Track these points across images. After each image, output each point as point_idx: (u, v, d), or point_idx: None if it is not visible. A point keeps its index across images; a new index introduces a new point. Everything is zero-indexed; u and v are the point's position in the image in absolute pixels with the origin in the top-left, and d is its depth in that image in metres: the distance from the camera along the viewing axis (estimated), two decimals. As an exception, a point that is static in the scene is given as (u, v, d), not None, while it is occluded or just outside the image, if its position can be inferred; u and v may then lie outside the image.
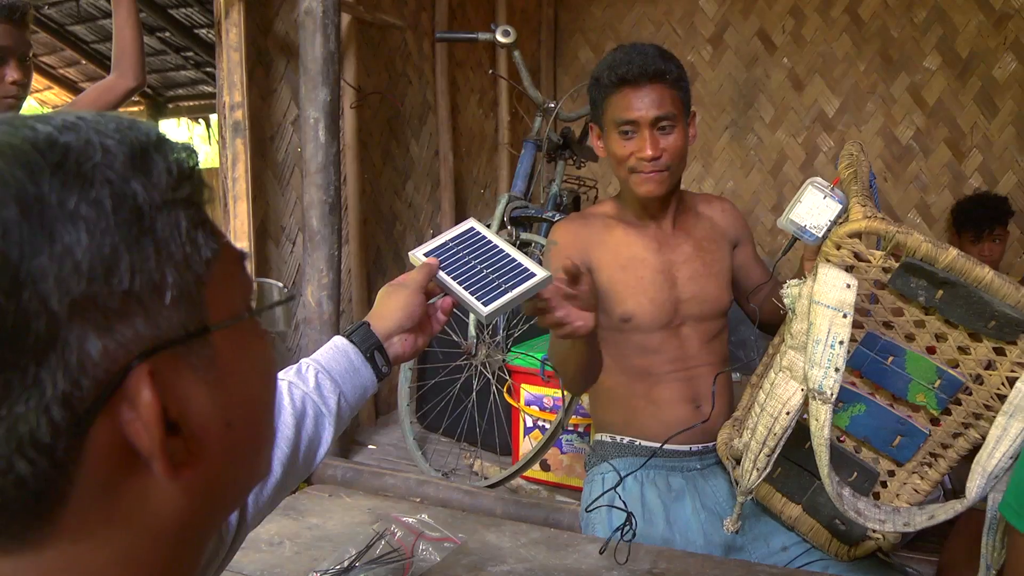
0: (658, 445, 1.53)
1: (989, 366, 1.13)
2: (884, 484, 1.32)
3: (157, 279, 0.40)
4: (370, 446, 2.66)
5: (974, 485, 1.09)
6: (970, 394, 1.17)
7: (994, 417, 1.09)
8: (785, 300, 1.17)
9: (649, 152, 1.45)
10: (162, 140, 0.44)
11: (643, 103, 1.46)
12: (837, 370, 1.08)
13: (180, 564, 0.46)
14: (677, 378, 1.53)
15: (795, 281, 1.16)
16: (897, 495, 1.31)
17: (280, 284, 0.55)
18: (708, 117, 3.92)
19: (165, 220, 0.41)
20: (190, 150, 0.45)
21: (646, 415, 1.53)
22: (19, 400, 0.36)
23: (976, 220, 2.99)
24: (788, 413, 1.15)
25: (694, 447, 1.54)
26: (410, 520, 1.42)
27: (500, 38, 2.47)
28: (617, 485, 1.44)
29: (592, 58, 4.11)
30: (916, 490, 1.30)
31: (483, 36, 2.52)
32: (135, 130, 0.43)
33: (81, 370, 0.37)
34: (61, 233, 0.37)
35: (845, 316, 1.07)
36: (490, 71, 3.47)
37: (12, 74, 1.64)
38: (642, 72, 1.46)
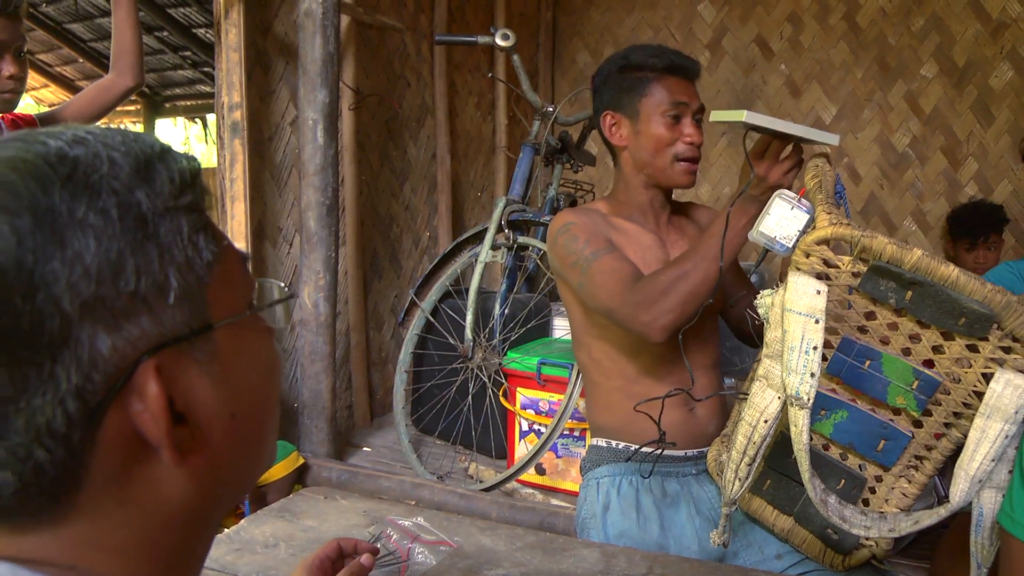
0: (655, 451, 1.53)
1: (965, 364, 1.14)
2: (872, 490, 1.33)
3: (161, 280, 0.43)
4: (365, 448, 2.66)
5: (958, 489, 1.10)
6: (948, 393, 1.18)
7: (973, 416, 1.10)
8: (759, 310, 1.18)
9: (698, 138, 1.51)
10: (165, 151, 0.47)
11: (691, 91, 1.53)
12: (813, 375, 1.09)
13: (190, 546, 0.49)
14: (672, 380, 1.53)
15: (768, 291, 1.18)
16: (886, 500, 1.32)
17: (281, 283, 0.58)
18: (705, 122, 3.92)
19: (168, 226, 0.44)
20: (191, 159, 0.48)
21: (642, 418, 1.53)
22: (36, 393, 0.39)
23: (971, 228, 3.01)
24: (766, 421, 1.16)
25: (688, 452, 1.55)
26: (406, 523, 1.41)
27: (499, 41, 2.48)
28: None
29: (590, 62, 4.11)
30: (904, 494, 1.31)
31: (482, 39, 2.52)
32: (140, 142, 0.46)
33: (93, 365, 0.40)
34: (71, 240, 0.40)
35: (817, 322, 1.09)
36: (488, 74, 3.47)
37: (8, 68, 1.64)
38: (691, 67, 1.54)
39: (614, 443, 1.57)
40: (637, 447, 1.54)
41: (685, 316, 1.35)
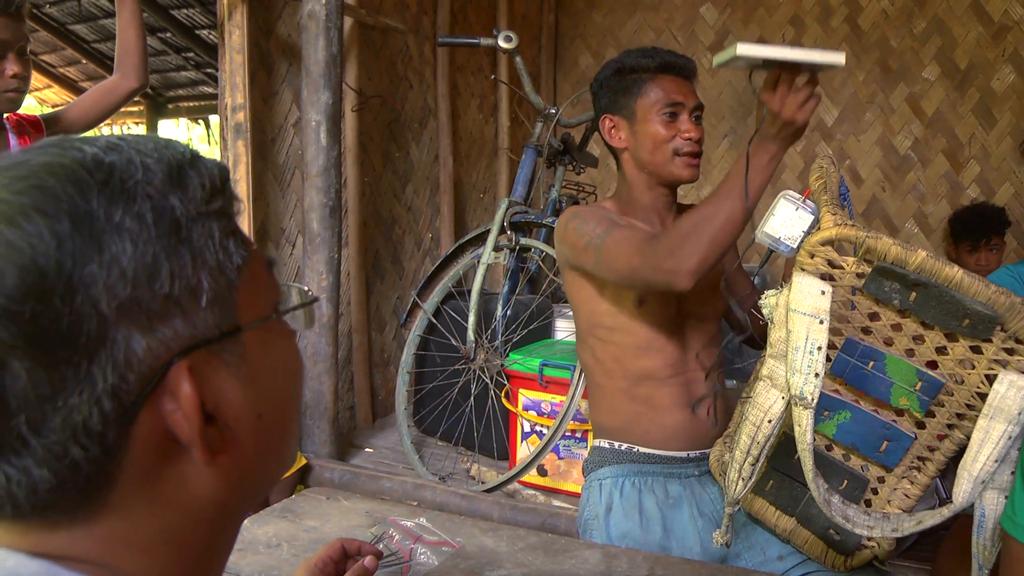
0: (656, 452, 1.53)
1: (968, 365, 1.15)
2: (875, 491, 1.33)
3: (194, 284, 0.44)
4: (367, 449, 2.66)
5: (960, 490, 1.10)
6: (951, 395, 1.18)
7: (976, 417, 1.10)
8: (763, 310, 1.19)
9: (696, 134, 1.51)
10: (196, 158, 0.48)
11: (686, 89, 1.54)
12: (817, 375, 1.10)
13: (217, 544, 0.50)
14: (676, 382, 1.54)
15: (772, 291, 1.18)
16: (888, 501, 1.32)
17: (305, 287, 0.58)
18: (707, 125, 3.91)
19: (200, 230, 0.46)
20: (221, 166, 0.49)
21: (645, 420, 1.54)
22: (73, 392, 0.40)
23: (973, 230, 3.01)
24: (770, 421, 1.16)
25: (691, 453, 1.55)
26: (408, 524, 1.42)
27: (502, 43, 2.48)
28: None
29: (592, 64, 4.12)
30: (907, 495, 1.31)
31: (485, 41, 2.52)
32: (171, 149, 0.47)
33: (128, 365, 0.42)
34: (108, 244, 0.41)
35: (822, 322, 1.09)
36: (491, 76, 3.48)
37: (12, 67, 1.64)
38: (685, 65, 1.55)
39: (616, 444, 1.57)
40: (638, 448, 1.54)
41: (710, 259, 1.29)
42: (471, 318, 2.31)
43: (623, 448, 1.56)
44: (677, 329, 1.54)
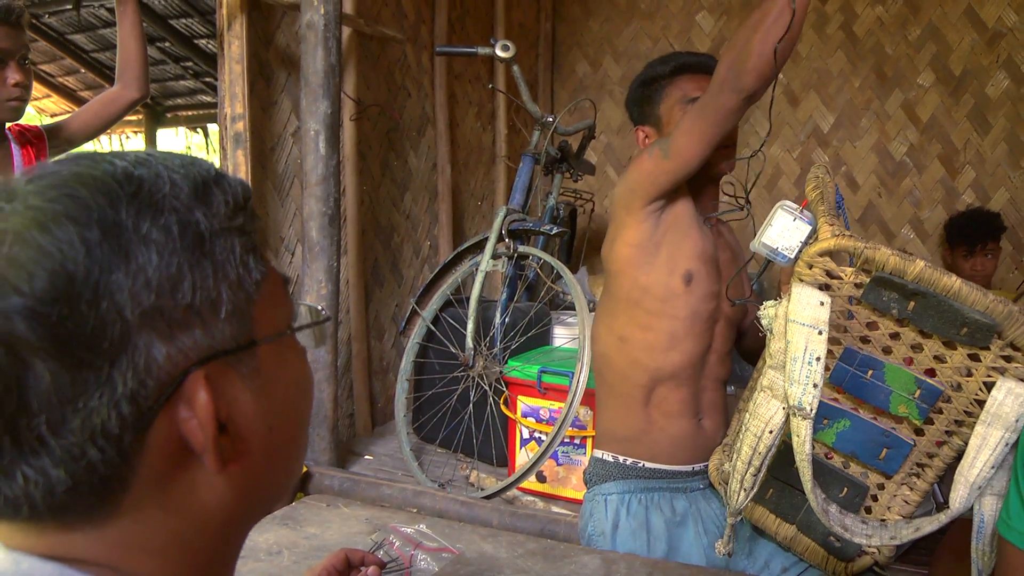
0: (662, 467, 1.53)
1: (966, 373, 1.16)
2: (875, 498, 1.34)
3: (214, 296, 0.46)
4: (367, 456, 2.67)
5: (957, 496, 1.11)
6: (950, 402, 1.19)
7: (974, 423, 1.11)
8: (762, 321, 1.19)
9: None
10: (220, 176, 0.50)
11: (705, 83, 1.50)
12: (815, 386, 1.10)
13: (224, 552, 0.52)
14: (689, 388, 1.53)
15: (771, 302, 1.19)
16: (888, 507, 1.33)
17: (318, 306, 0.60)
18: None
19: (222, 245, 0.47)
20: (244, 185, 0.51)
21: (655, 428, 1.52)
22: (94, 395, 0.42)
23: (969, 235, 3.03)
24: (771, 432, 1.17)
25: (696, 466, 1.54)
26: (408, 530, 1.42)
27: (499, 52, 2.50)
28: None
29: (590, 72, 4.14)
30: (906, 501, 1.32)
31: (483, 50, 2.54)
32: (197, 166, 0.49)
33: (147, 372, 0.43)
34: (135, 253, 0.43)
35: (820, 333, 1.10)
36: (489, 85, 3.50)
37: (14, 76, 1.66)
38: (702, 61, 1.56)
39: (621, 458, 1.54)
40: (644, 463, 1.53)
41: (765, 55, 1.27)
42: (470, 325, 2.32)
43: (628, 463, 1.53)
44: (710, 325, 1.52)
